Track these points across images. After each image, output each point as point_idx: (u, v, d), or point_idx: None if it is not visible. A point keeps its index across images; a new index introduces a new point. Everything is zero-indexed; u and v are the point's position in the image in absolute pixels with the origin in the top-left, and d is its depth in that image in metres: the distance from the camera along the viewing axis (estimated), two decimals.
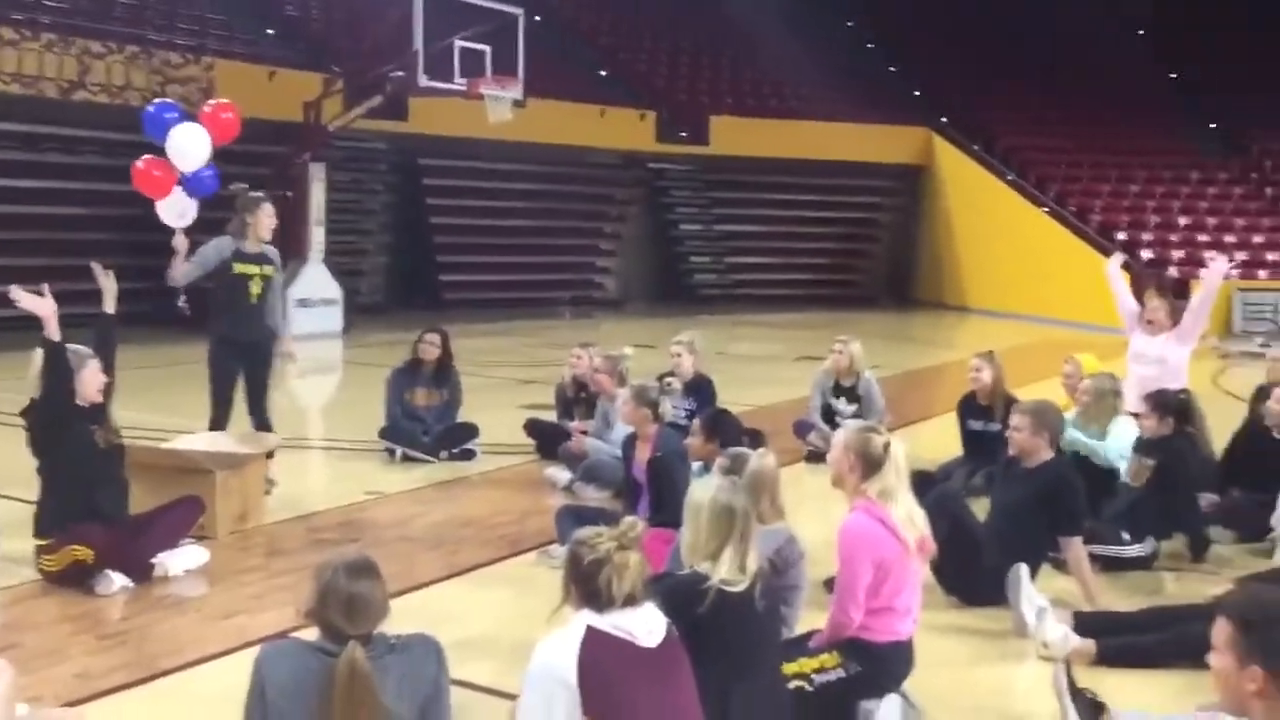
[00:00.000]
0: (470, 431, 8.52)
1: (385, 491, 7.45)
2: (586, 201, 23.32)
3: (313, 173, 16.84)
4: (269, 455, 6.95)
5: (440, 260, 21.19)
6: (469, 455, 8.38)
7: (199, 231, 7.20)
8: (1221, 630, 2.51)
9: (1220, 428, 7.07)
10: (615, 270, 23.98)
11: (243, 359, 7.18)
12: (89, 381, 5.46)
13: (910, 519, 4.11)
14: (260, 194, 7.39)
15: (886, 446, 4.15)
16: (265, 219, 7.14)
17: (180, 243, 6.96)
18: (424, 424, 8.41)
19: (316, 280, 16.96)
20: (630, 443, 6.17)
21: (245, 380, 7.22)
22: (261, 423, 7.24)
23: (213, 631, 4.89)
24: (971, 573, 5.25)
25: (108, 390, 5.63)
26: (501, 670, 4.25)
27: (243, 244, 7.11)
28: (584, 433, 7.91)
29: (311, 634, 2.97)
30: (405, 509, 7.06)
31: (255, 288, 7.12)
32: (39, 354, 5.34)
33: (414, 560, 5.96)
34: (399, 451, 8.25)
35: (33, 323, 5.34)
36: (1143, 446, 6.27)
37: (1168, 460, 6.10)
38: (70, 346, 5.38)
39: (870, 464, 4.15)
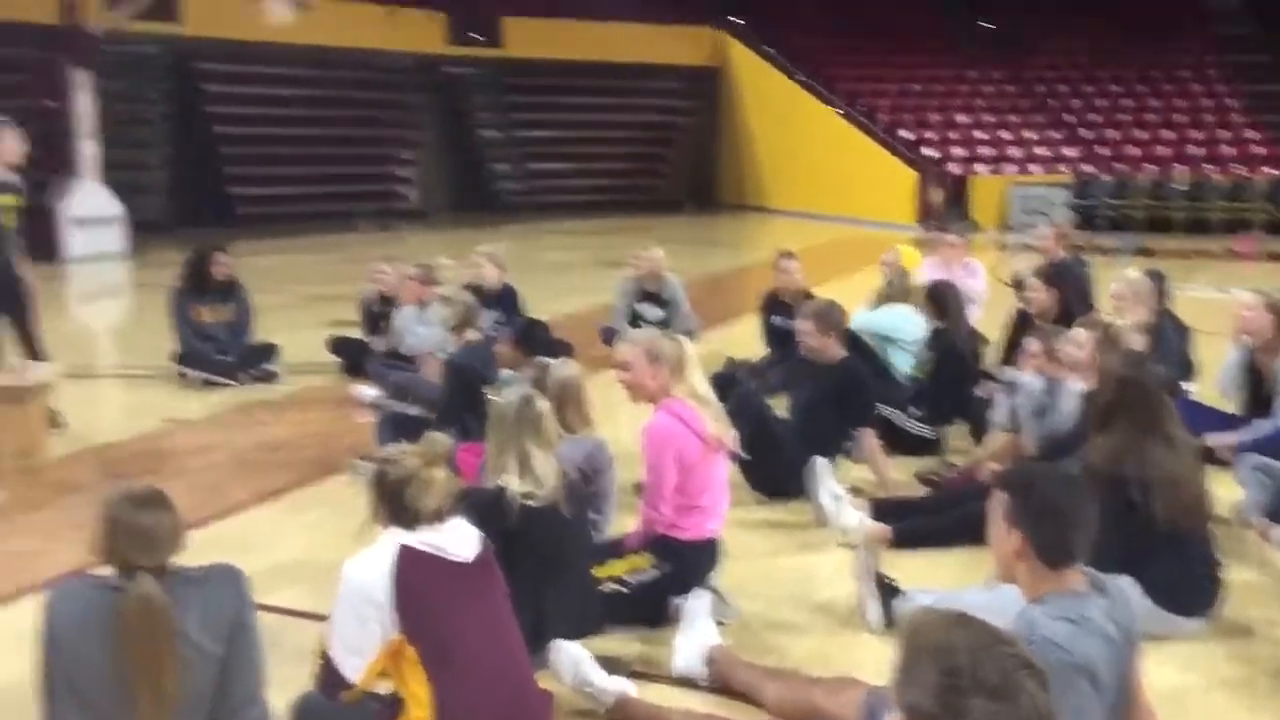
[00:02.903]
0: (270, 351, 8.29)
1: (184, 418, 7.18)
2: (380, 109, 22.57)
3: (78, 81, 15.70)
4: (46, 386, 6.57)
5: (228, 173, 20.20)
6: (271, 376, 8.16)
7: None
8: (994, 502, 2.73)
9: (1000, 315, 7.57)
10: (416, 180, 23.38)
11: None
12: None
13: (712, 417, 4.24)
14: (3, 118, 6.87)
15: (678, 348, 4.25)
16: (9, 144, 6.66)
17: None
18: (218, 342, 8.14)
19: (93, 198, 15.96)
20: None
21: (5, 313, 6.78)
22: (32, 352, 6.84)
23: (1, 573, 4.66)
24: (774, 468, 5.47)
25: None
26: (314, 593, 4.20)
27: None
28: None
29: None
30: (207, 435, 6.83)
31: (7, 219, 6.66)
32: None
33: (220, 488, 5.79)
34: (191, 375, 7.95)
35: None
36: (929, 341, 6.64)
37: (938, 350, 6.48)
38: None
39: (666, 368, 4.24)
